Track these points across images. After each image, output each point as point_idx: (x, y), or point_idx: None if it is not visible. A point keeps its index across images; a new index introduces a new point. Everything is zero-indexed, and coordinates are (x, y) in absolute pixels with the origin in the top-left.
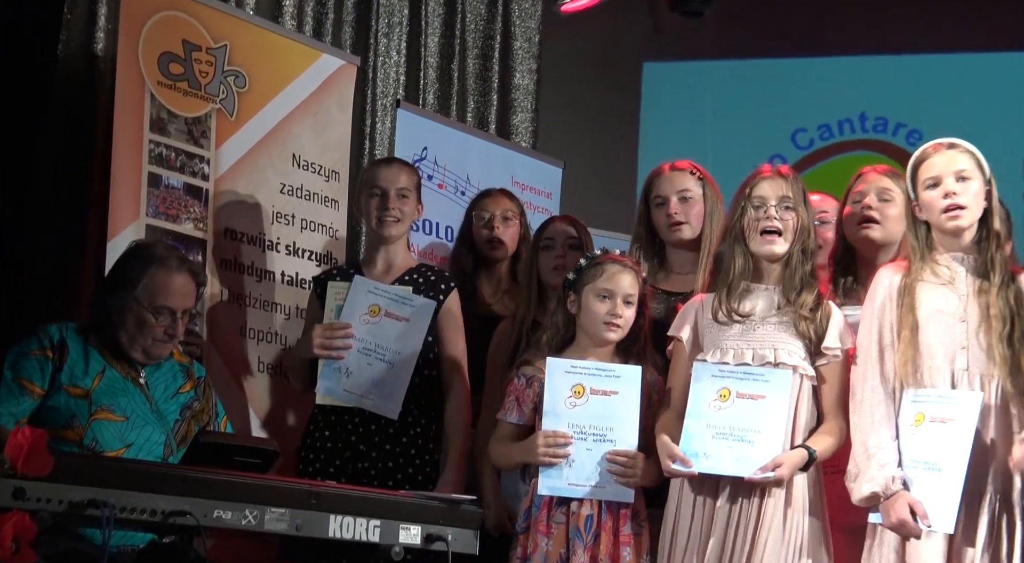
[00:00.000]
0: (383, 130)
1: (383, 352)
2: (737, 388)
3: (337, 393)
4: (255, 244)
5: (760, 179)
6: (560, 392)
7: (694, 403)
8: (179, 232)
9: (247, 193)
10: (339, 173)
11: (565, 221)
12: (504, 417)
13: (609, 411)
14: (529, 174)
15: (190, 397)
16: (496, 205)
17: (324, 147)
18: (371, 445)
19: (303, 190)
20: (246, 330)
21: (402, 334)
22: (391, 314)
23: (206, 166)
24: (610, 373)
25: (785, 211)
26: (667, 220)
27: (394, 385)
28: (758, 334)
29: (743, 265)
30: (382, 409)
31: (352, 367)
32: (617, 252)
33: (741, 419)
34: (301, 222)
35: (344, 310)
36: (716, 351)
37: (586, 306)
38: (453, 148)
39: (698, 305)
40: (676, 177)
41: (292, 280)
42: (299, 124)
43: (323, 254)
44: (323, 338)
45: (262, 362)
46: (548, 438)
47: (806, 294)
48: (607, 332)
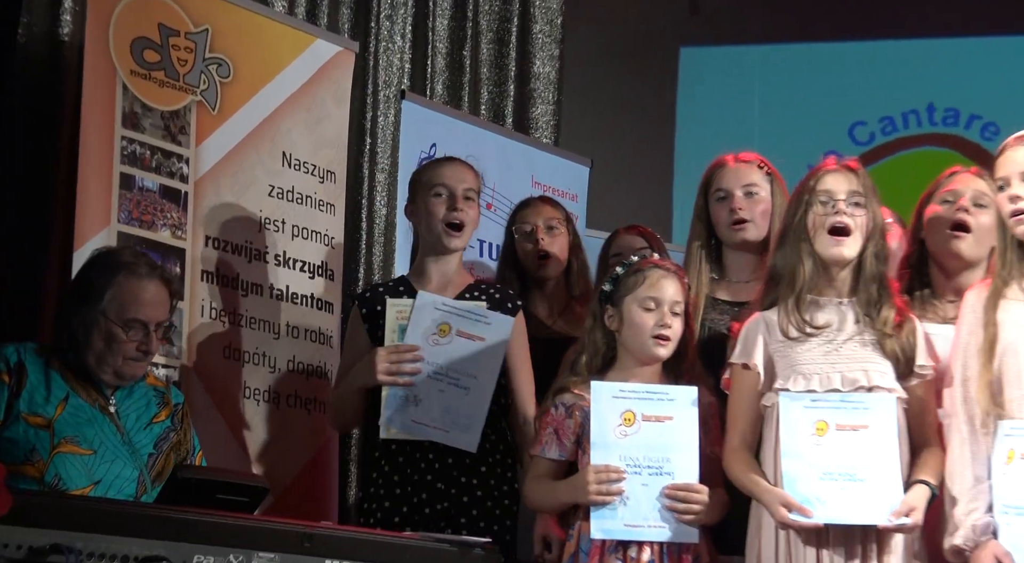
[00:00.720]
0: (385, 125)
1: (456, 377)
2: (835, 419)
3: (405, 425)
4: (241, 254)
5: (826, 172)
6: (609, 420)
7: (789, 441)
8: (155, 240)
9: (232, 196)
10: (335, 174)
11: (632, 232)
12: (542, 453)
13: (665, 440)
14: (552, 174)
15: (166, 427)
16: (537, 214)
17: (319, 144)
18: (448, 481)
19: (295, 193)
20: (230, 351)
21: (478, 356)
22: (464, 333)
23: (185, 166)
24: (663, 396)
25: (855, 208)
26: (729, 217)
27: (471, 414)
28: (843, 354)
29: (812, 269)
30: (459, 441)
31: (422, 395)
32: (657, 257)
33: (847, 455)
34: (293, 229)
35: (409, 330)
36: (797, 378)
37: (629, 319)
38: (465, 145)
39: (762, 324)
40: (742, 170)
41: (282, 294)
42: (290, 118)
43: (318, 265)
44: (389, 362)
45: (248, 387)
46: (600, 474)
47: (886, 309)
48: (656, 347)
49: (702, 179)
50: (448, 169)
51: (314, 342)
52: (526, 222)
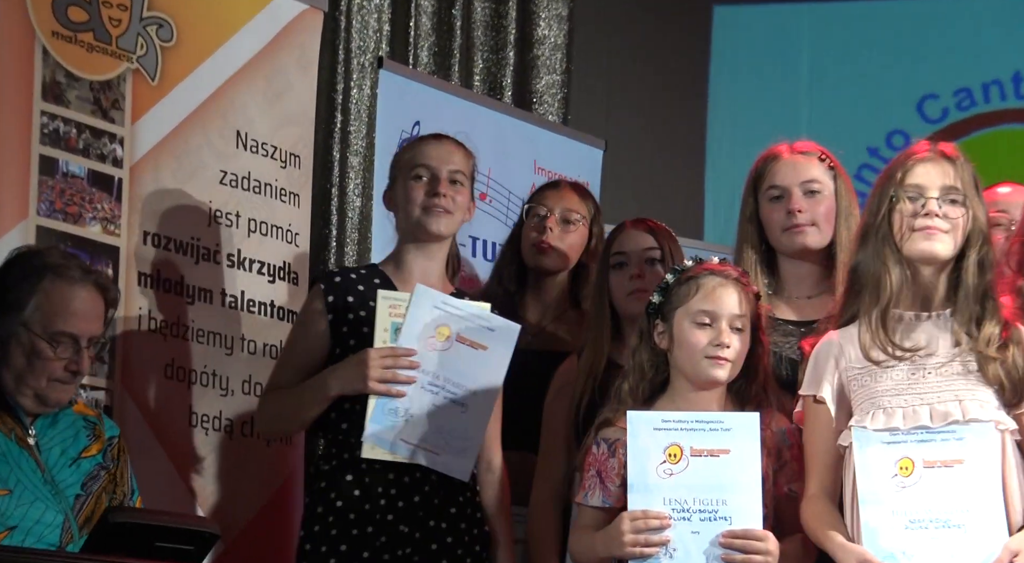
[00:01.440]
0: (360, 98)
1: (454, 391)
2: (923, 455)
3: (392, 444)
4: (186, 253)
5: (916, 162)
6: (649, 457)
7: (867, 485)
8: (82, 236)
9: (176, 184)
10: (300, 157)
11: (640, 227)
12: (585, 500)
13: (719, 478)
14: (558, 157)
15: (97, 464)
16: (558, 200)
17: (280, 121)
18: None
19: (252, 180)
20: (174, 371)
21: (479, 368)
22: (465, 339)
23: (119, 147)
24: (716, 425)
25: (951, 206)
26: (786, 219)
27: (468, 436)
28: (933, 382)
29: (900, 277)
30: (451, 467)
31: (413, 408)
32: (715, 260)
33: (939, 497)
34: (249, 223)
35: (404, 330)
36: (876, 413)
37: (680, 337)
38: (455, 123)
39: (834, 346)
40: (800, 164)
41: (237, 302)
42: (246, 91)
43: (279, 267)
44: (383, 367)
45: (196, 414)
46: (637, 522)
47: (989, 325)
48: (712, 369)
49: (751, 173)
50: (432, 148)
51: (275, 359)
52: (542, 204)
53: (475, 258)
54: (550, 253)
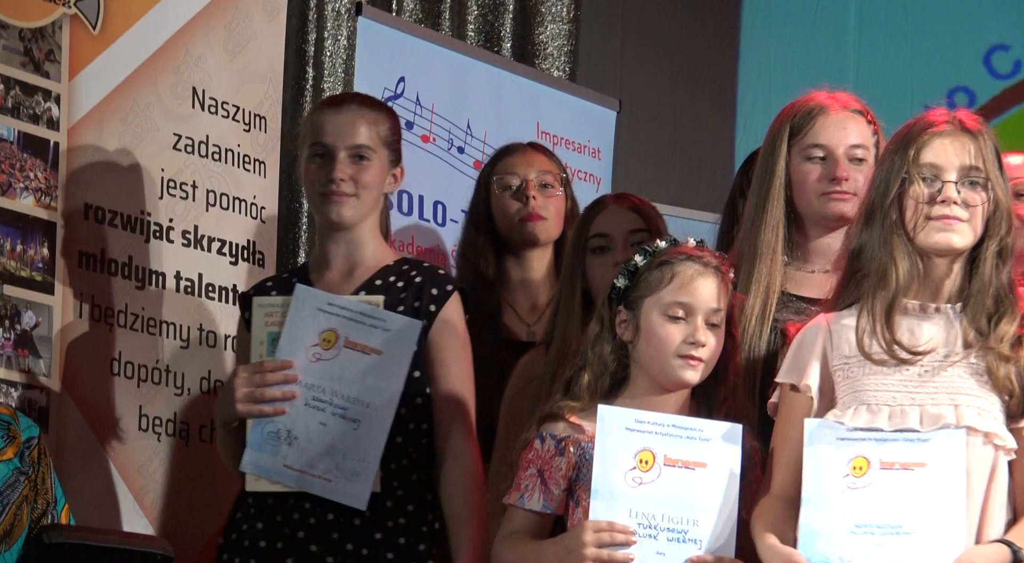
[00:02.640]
0: (335, 51)
1: (343, 405)
2: (880, 455)
3: (274, 471)
4: (134, 229)
5: (931, 136)
6: (619, 461)
7: (813, 482)
8: (11, 210)
9: (120, 149)
10: (266, 119)
11: (623, 203)
12: (519, 502)
13: (693, 494)
14: (565, 120)
15: (14, 468)
16: (527, 165)
17: (244, 77)
18: (328, 544)
19: (210, 145)
20: (120, 366)
21: (372, 374)
22: (354, 344)
23: (55, 106)
24: (695, 433)
25: (971, 189)
26: (827, 185)
27: (362, 456)
28: (930, 381)
29: (910, 270)
30: (343, 495)
31: (297, 429)
32: (692, 243)
33: (893, 502)
34: (208, 196)
35: (282, 340)
36: (859, 409)
37: (648, 330)
38: (445, 80)
39: (823, 331)
40: (849, 123)
41: (193, 286)
42: (203, 41)
43: (242, 246)
44: (250, 386)
45: (145, 416)
46: (601, 533)
47: (1007, 322)
48: (683, 370)
49: (784, 120)
50: (329, 119)
51: None
52: (512, 173)
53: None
54: (540, 223)
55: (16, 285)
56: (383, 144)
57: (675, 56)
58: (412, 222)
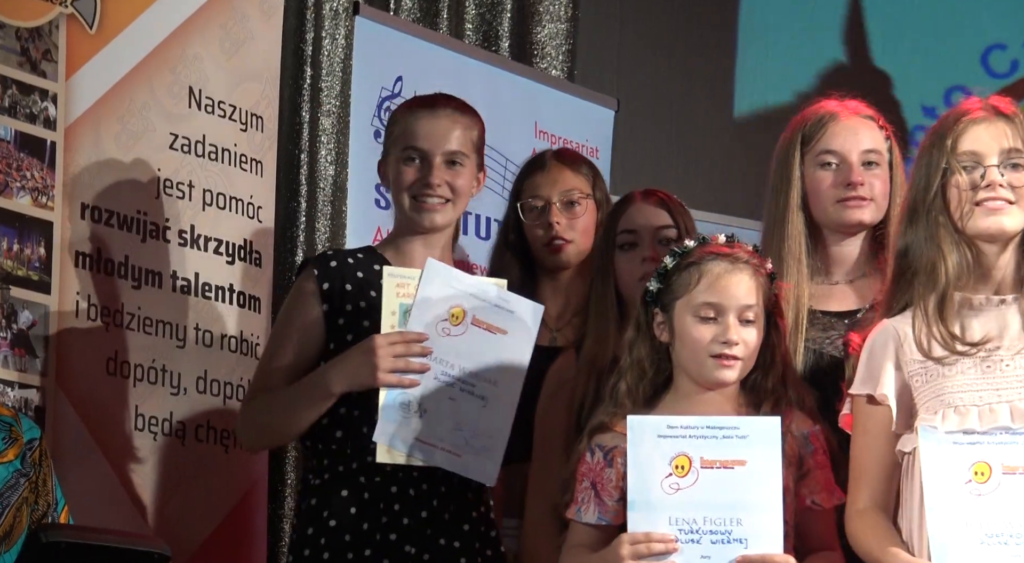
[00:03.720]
0: (333, 50)
1: (471, 380)
2: (1001, 458)
3: (407, 443)
4: (131, 229)
5: (967, 124)
6: (653, 469)
7: (935, 493)
8: (8, 210)
9: (118, 149)
10: (263, 119)
11: (651, 200)
12: (578, 516)
13: (734, 494)
14: (563, 120)
15: (14, 471)
16: (552, 185)
17: (240, 77)
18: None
19: (207, 145)
20: (116, 365)
21: (498, 353)
22: (481, 322)
23: (52, 106)
24: (731, 432)
25: (1015, 171)
26: (842, 192)
27: (491, 433)
28: (1011, 375)
29: (959, 261)
30: (474, 470)
31: (428, 402)
32: (722, 238)
33: (1022, 508)
34: (204, 195)
35: (414, 313)
36: (946, 411)
37: (681, 332)
38: (443, 79)
39: (892, 338)
40: (861, 129)
41: (190, 286)
42: (200, 40)
43: (239, 246)
44: (393, 355)
45: (142, 415)
46: (638, 546)
47: None
48: (718, 371)
49: (796, 129)
50: (425, 123)
51: (234, 352)
52: (537, 195)
53: (466, 235)
54: (566, 247)
55: (13, 284)
56: (474, 149)
57: (673, 55)
58: None
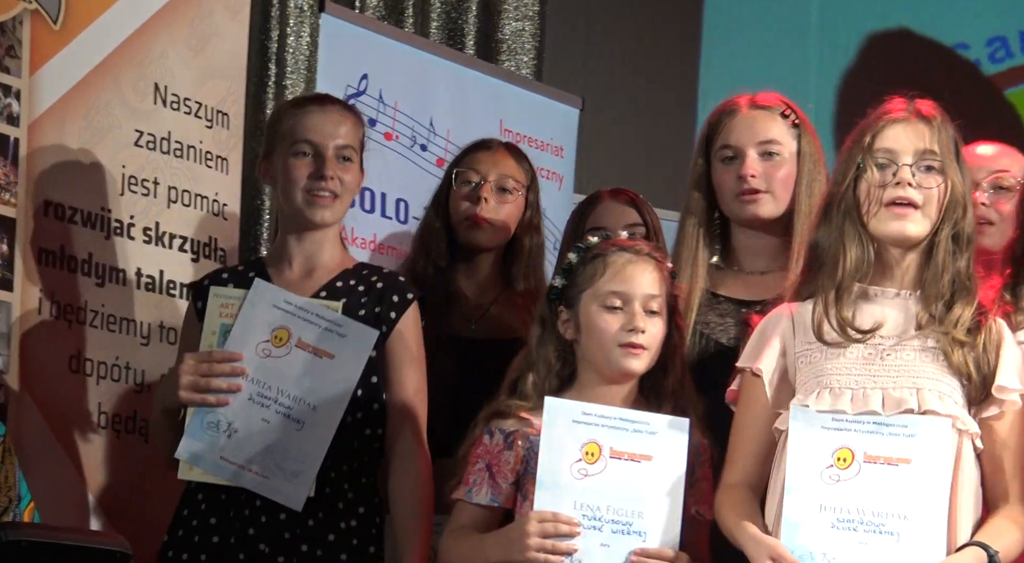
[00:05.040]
0: (298, 48)
1: (288, 405)
2: (866, 447)
3: (209, 461)
4: (95, 226)
5: (888, 122)
6: (564, 452)
7: (797, 472)
8: None
9: (82, 146)
10: (229, 116)
11: (620, 199)
12: (468, 496)
13: (638, 487)
14: (529, 118)
15: None
16: (492, 165)
17: (206, 74)
18: (281, 544)
19: (172, 142)
20: (78, 363)
21: (321, 379)
22: (306, 345)
23: (15, 102)
24: (641, 426)
25: (926, 174)
26: (737, 185)
27: (302, 458)
28: (890, 365)
29: (860, 256)
30: (280, 493)
31: (238, 422)
32: (623, 234)
33: (876, 497)
34: (169, 192)
35: (234, 332)
36: (822, 392)
37: (588, 323)
38: (408, 77)
39: (786, 320)
40: (758, 120)
41: (154, 283)
42: (166, 37)
43: (204, 243)
44: (196, 374)
45: (104, 413)
46: (545, 523)
47: (960, 306)
48: (626, 359)
49: (704, 127)
50: (316, 118)
51: None
52: (475, 169)
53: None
54: (485, 227)
55: None
56: (359, 147)
57: (638, 55)
58: (374, 219)
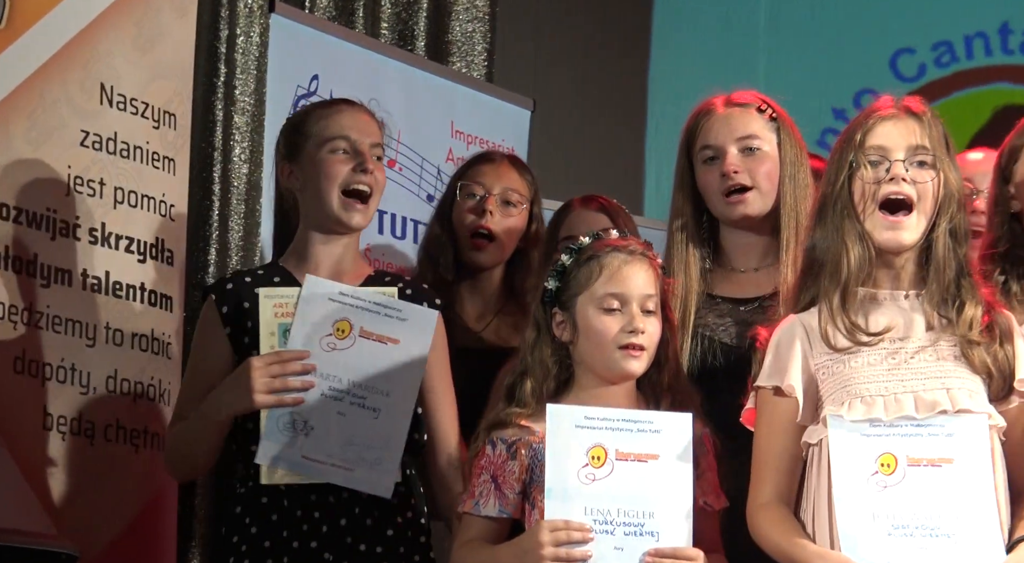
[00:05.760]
0: (248, 48)
1: (362, 394)
2: (907, 451)
3: (294, 463)
4: (41, 227)
5: (878, 120)
6: (571, 459)
7: (844, 482)
8: None
9: (27, 146)
10: (176, 116)
11: (592, 206)
12: (475, 509)
13: (647, 487)
14: (480, 119)
15: None
16: (497, 178)
17: (153, 74)
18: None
19: (119, 142)
20: (24, 364)
21: (390, 364)
22: (370, 333)
23: None
24: (646, 426)
25: (920, 169)
26: (722, 184)
27: (384, 445)
28: (915, 368)
29: (862, 253)
30: (367, 484)
31: (314, 419)
32: (615, 234)
33: (925, 500)
34: (116, 193)
35: (294, 330)
36: (853, 402)
37: (586, 326)
38: (359, 78)
39: (799, 331)
40: (735, 117)
41: (100, 284)
42: (112, 36)
43: (151, 244)
44: (270, 376)
45: (51, 415)
46: (558, 532)
47: (971, 306)
48: (627, 361)
49: (683, 132)
50: (350, 117)
51: (145, 351)
52: (479, 182)
53: (382, 235)
54: (491, 244)
55: None
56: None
57: (588, 56)
58: None
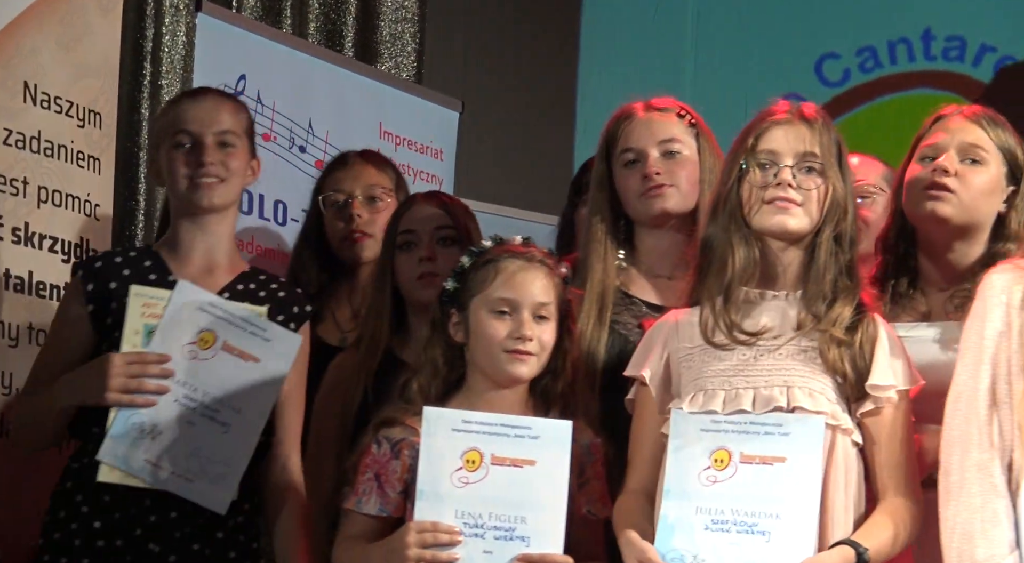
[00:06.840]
0: (174, 47)
1: (215, 408)
2: (742, 448)
3: (133, 464)
4: None
5: (770, 124)
6: (444, 462)
7: (675, 475)
8: None
9: None
10: (101, 115)
11: (432, 202)
12: (357, 506)
13: (521, 492)
14: (408, 121)
15: None
16: (355, 179)
17: (78, 72)
18: (171, 543)
19: (43, 141)
20: None
21: (247, 382)
22: (232, 348)
23: None
24: (523, 432)
25: (807, 175)
26: (642, 185)
27: (228, 462)
28: (763, 366)
29: (747, 255)
30: (205, 497)
31: (163, 425)
32: (518, 240)
33: (750, 498)
34: (39, 192)
35: (159, 333)
36: (697, 394)
37: (476, 328)
38: (286, 78)
39: (668, 326)
40: (656, 121)
41: (23, 284)
42: (36, 34)
43: (75, 244)
44: (127, 375)
45: None
46: (424, 534)
47: (841, 305)
48: (512, 365)
49: (602, 137)
50: (191, 109)
51: None
52: (339, 189)
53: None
54: (365, 240)
55: None
56: (244, 133)
57: (517, 58)
58: (252, 221)
